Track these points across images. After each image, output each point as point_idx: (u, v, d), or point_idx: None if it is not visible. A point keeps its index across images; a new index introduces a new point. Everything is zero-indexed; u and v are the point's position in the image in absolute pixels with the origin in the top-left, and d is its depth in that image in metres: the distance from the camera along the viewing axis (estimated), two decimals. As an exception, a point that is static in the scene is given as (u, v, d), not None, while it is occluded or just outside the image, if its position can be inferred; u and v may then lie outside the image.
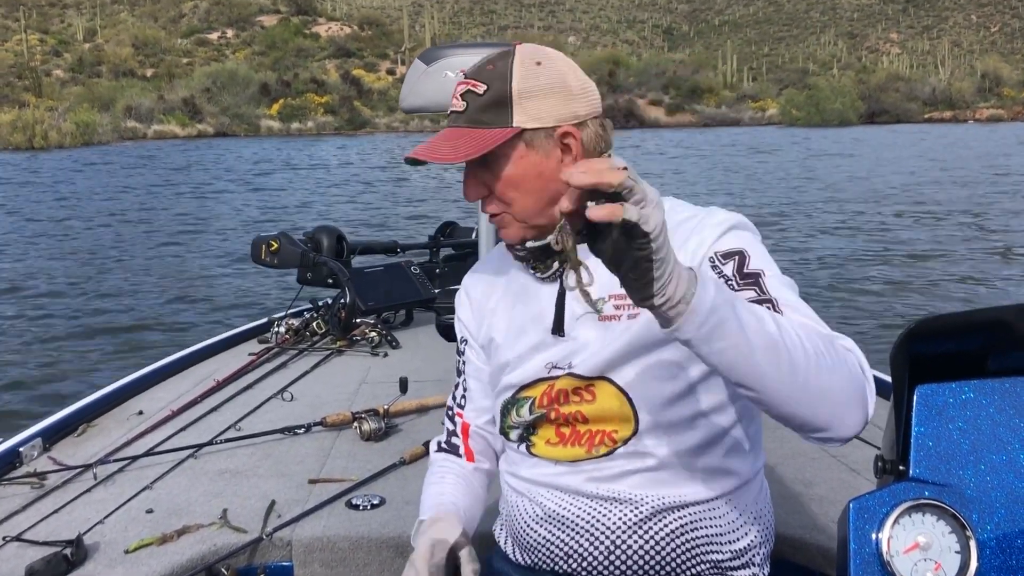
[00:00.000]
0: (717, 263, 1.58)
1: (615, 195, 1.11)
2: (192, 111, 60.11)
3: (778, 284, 1.54)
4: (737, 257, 1.58)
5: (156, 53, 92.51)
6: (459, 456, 1.96)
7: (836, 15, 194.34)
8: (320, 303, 4.70)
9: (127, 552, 2.24)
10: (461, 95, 1.63)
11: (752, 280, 1.54)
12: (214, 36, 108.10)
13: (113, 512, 2.46)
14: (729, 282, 1.55)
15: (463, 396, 1.98)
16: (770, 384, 1.29)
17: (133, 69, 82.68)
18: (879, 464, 1.40)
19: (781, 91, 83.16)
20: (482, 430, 1.96)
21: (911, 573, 1.27)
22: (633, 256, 1.15)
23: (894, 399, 1.36)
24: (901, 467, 1.34)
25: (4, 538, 2.30)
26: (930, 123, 69.93)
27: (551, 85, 1.63)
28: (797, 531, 2.28)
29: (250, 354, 4.16)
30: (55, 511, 2.48)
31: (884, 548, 1.28)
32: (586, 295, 1.22)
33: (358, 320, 4.48)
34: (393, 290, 4.70)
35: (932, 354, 1.36)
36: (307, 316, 4.58)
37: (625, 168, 1.12)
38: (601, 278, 1.66)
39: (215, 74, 65.72)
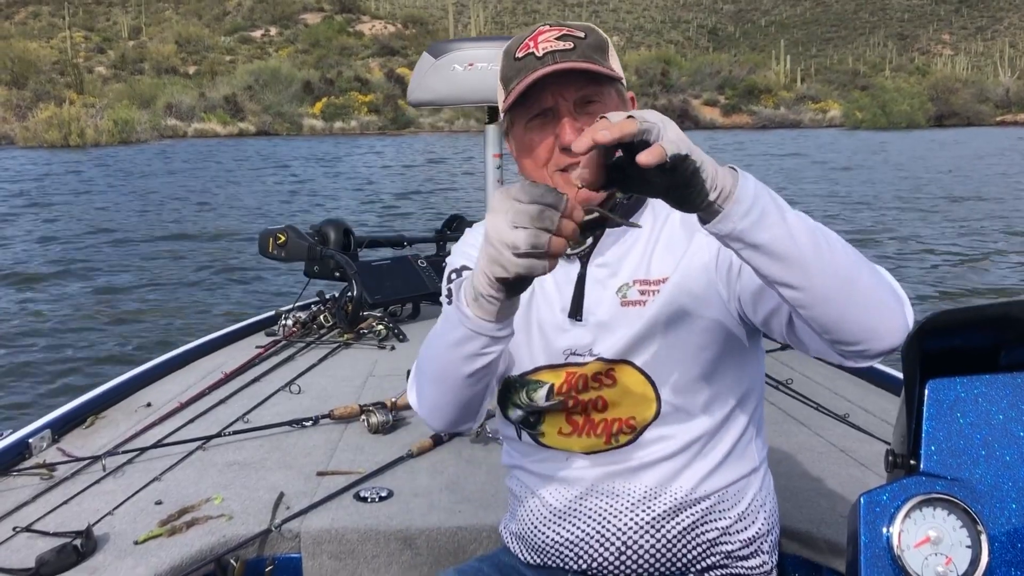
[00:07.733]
0: None
1: (636, 143, 1.17)
2: (234, 109, 60.27)
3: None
4: None
5: (199, 51, 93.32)
6: None
7: (886, 16, 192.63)
8: (327, 296, 4.74)
9: (136, 543, 2.25)
10: (558, 38, 1.60)
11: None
12: (257, 34, 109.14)
13: (122, 503, 2.48)
14: None
15: None
16: (816, 279, 1.29)
17: (176, 66, 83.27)
18: (890, 459, 1.39)
19: (833, 92, 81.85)
20: None
21: (922, 568, 1.26)
22: (684, 176, 1.20)
23: (905, 393, 1.35)
24: (912, 461, 1.32)
25: (14, 529, 2.33)
26: (1003, 126, 67.82)
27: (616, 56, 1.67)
28: (806, 526, 2.28)
29: (257, 347, 4.19)
30: (64, 502, 2.51)
31: (895, 543, 1.27)
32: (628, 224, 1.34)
33: (365, 313, 4.52)
34: (400, 283, 4.73)
35: (943, 349, 1.34)
36: (314, 309, 4.63)
37: (631, 116, 1.17)
38: (625, 264, 1.64)
39: (258, 72, 65.91)
